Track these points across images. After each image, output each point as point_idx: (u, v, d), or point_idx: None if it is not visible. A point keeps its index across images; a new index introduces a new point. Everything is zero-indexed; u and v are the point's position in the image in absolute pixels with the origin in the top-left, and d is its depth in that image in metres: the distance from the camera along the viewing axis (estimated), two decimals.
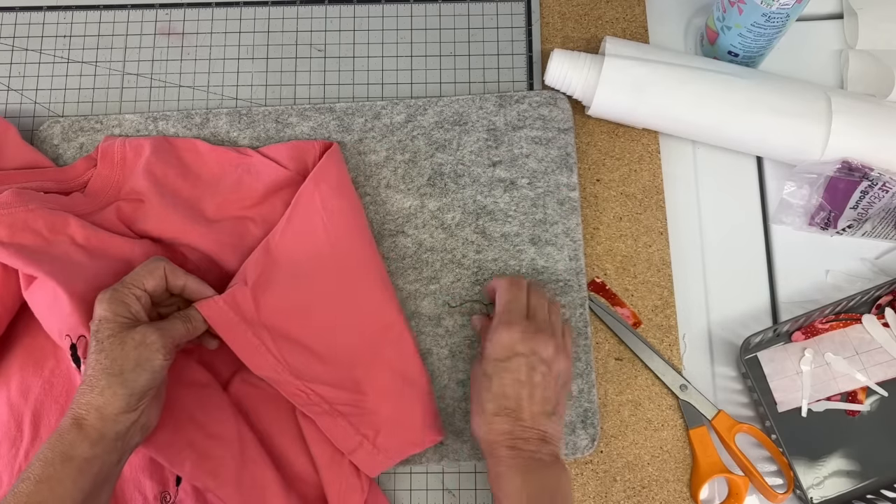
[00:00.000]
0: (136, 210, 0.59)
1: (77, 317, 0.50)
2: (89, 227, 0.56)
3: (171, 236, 0.58)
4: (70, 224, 0.55)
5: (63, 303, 0.51)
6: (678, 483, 0.58)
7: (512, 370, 0.51)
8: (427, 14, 0.68)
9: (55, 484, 0.45)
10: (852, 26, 0.66)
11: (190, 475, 0.51)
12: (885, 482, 0.58)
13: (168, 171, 0.60)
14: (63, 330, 0.51)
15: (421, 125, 0.63)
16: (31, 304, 0.54)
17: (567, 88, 0.62)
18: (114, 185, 0.60)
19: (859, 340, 0.60)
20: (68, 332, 0.51)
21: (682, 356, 0.60)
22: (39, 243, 0.54)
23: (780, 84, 0.61)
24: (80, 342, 0.50)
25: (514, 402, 0.51)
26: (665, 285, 0.61)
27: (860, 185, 0.59)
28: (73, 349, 0.51)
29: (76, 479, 0.45)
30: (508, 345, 0.52)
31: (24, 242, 0.54)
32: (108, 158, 0.61)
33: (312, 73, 0.67)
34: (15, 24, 0.68)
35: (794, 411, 0.59)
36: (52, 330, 0.53)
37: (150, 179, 0.59)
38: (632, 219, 0.63)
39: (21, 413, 0.55)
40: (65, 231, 0.55)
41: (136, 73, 0.67)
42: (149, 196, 0.59)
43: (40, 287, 0.53)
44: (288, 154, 0.61)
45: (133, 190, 0.60)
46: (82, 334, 0.50)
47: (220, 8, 0.68)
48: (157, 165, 0.60)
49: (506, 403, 0.51)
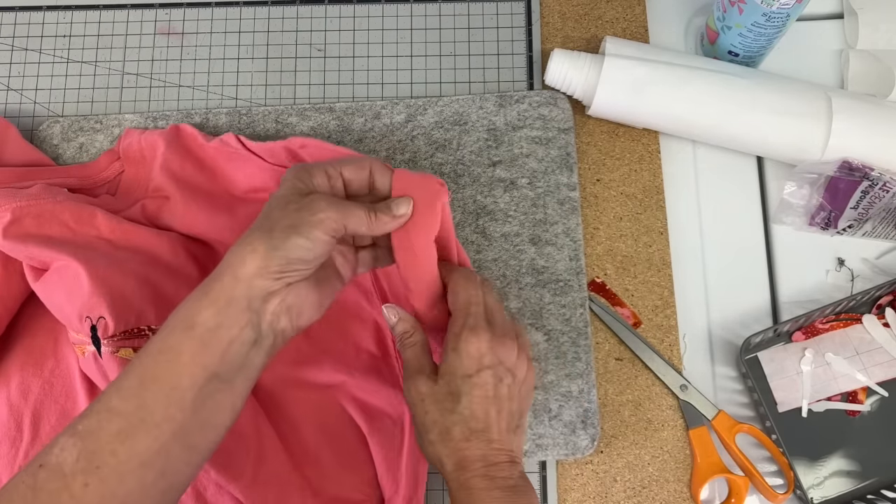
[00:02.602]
0: (161, 207, 0.59)
1: (97, 298, 0.50)
2: (115, 220, 0.56)
3: (199, 232, 0.58)
4: (97, 216, 0.55)
5: (84, 283, 0.51)
6: (678, 483, 0.58)
7: (481, 385, 0.44)
8: (427, 14, 0.68)
9: (173, 357, 0.38)
10: (852, 26, 0.66)
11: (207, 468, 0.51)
12: (886, 482, 0.58)
13: (185, 164, 0.60)
14: (83, 312, 0.51)
15: (421, 125, 0.63)
16: (45, 295, 0.54)
17: (567, 88, 0.62)
18: (141, 184, 0.61)
19: (860, 340, 0.60)
20: (88, 314, 0.50)
21: (682, 356, 0.60)
22: (66, 234, 0.54)
23: (780, 84, 0.61)
24: (101, 323, 0.50)
25: (483, 423, 0.44)
26: (665, 285, 0.61)
27: (861, 185, 0.59)
28: (94, 330, 0.50)
29: (197, 352, 0.38)
30: (476, 355, 0.44)
31: (51, 233, 0.54)
32: (130, 158, 0.61)
33: (312, 73, 0.67)
34: (15, 24, 0.68)
35: (795, 411, 0.59)
36: (70, 315, 0.52)
37: (170, 176, 0.59)
38: (632, 219, 0.62)
39: (21, 413, 0.55)
40: (91, 223, 0.55)
41: (136, 73, 0.67)
42: (172, 193, 0.58)
43: (58, 273, 0.53)
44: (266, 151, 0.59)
45: (158, 187, 0.59)
46: (102, 315, 0.50)
47: (220, 8, 0.68)
48: (174, 161, 0.60)
49: (475, 425, 0.44)
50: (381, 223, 0.43)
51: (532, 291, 0.60)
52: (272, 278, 0.39)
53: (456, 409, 0.44)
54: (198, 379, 0.38)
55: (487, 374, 0.44)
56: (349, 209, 0.41)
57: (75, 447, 0.37)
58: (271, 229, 0.39)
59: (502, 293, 0.60)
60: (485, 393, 0.44)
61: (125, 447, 0.38)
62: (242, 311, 0.39)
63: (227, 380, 0.39)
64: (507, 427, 0.45)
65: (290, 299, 0.40)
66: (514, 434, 0.46)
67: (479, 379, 0.44)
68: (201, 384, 0.38)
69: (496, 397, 0.45)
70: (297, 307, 0.41)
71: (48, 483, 0.37)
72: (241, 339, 0.39)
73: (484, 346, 0.45)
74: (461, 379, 0.44)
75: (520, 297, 0.60)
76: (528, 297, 0.60)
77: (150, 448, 0.38)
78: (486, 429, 0.44)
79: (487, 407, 0.44)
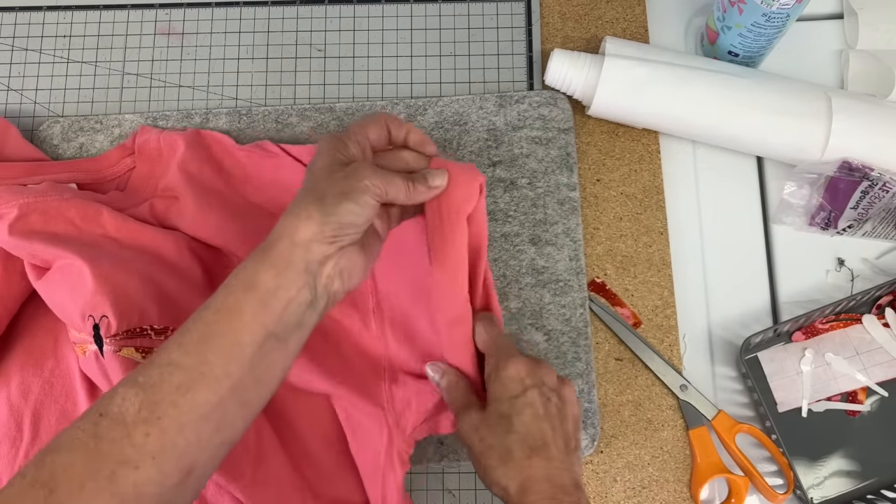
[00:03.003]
0: (169, 207, 0.59)
1: (101, 296, 0.50)
2: (121, 218, 0.56)
3: (207, 235, 0.58)
4: (103, 214, 0.55)
5: (88, 281, 0.51)
6: (678, 483, 0.58)
7: (529, 404, 0.46)
8: (427, 14, 0.68)
9: (234, 315, 0.40)
10: (852, 26, 0.66)
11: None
12: (886, 482, 0.58)
13: (203, 167, 0.60)
14: (86, 310, 0.51)
15: (421, 125, 0.63)
16: (47, 293, 0.54)
17: (567, 88, 0.62)
18: (152, 182, 0.60)
19: (859, 340, 0.60)
20: (91, 313, 0.50)
21: (682, 356, 0.60)
22: (71, 232, 0.54)
23: (780, 84, 0.61)
24: (103, 322, 0.50)
25: (541, 440, 0.45)
26: (665, 285, 0.61)
27: (860, 185, 0.59)
28: (97, 329, 0.50)
29: (257, 311, 0.40)
30: (517, 378, 0.47)
31: (56, 230, 0.54)
32: (146, 155, 0.61)
33: (312, 73, 0.67)
34: (15, 24, 0.68)
35: (795, 411, 0.59)
36: (72, 314, 0.52)
37: (186, 177, 0.59)
38: (632, 219, 0.62)
39: (21, 413, 0.55)
40: (97, 220, 0.55)
41: (136, 73, 0.67)
42: (183, 194, 0.58)
43: (61, 271, 0.53)
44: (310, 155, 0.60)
45: (168, 187, 0.59)
46: (105, 314, 0.50)
47: (220, 8, 0.68)
48: (192, 162, 0.59)
49: (533, 442, 0.45)
50: (417, 192, 0.45)
51: (532, 291, 0.60)
52: (327, 242, 0.41)
53: (511, 429, 0.46)
54: (257, 337, 0.40)
55: (533, 393, 0.47)
56: (390, 177, 0.43)
57: (137, 397, 0.38)
58: (323, 197, 0.41)
59: (503, 293, 0.60)
60: (535, 411, 0.46)
61: (186, 399, 0.39)
62: (300, 274, 0.41)
63: (282, 339, 0.41)
64: (564, 447, 0.46)
65: (342, 262, 0.42)
66: (572, 455, 0.47)
67: (525, 398, 0.46)
68: (260, 342, 0.40)
69: (547, 415, 0.46)
70: (348, 269, 0.43)
71: (110, 431, 0.38)
72: (299, 300, 0.41)
73: (523, 369, 0.47)
74: (508, 402, 0.47)
75: (520, 297, 0.60)
76: (528, 297, 0.60)
77: (209, 402, 0.39)
78: (544, 446, 0.45)
79: (541, 424, 0.46)
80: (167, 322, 0.53)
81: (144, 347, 0.51)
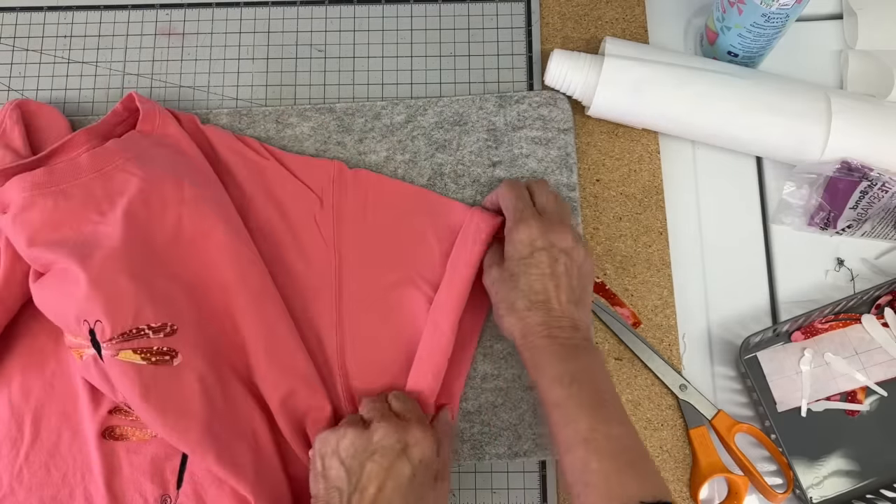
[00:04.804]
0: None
1: (92, 301, 0.50)
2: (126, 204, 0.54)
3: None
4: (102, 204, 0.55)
5: (82, 285, 0.50)
6: (678, 483, 0.58)
7: (536, 264, 0.52)
8: (427, 14, 0.68)
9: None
10: (852, 26, 0.66)
11: (214, 466, 0.50)
12: (885, 482, 0.58)
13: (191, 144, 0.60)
14: (80, 315, 0.50)
15: (421, 125, 0.63)
16: (43, 297, 0.53)
17: (567, 89, 0.62)
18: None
19: (859, 340, 0.60)
20: (86, 318, 0.50)
21: (681, 356, 0.60)
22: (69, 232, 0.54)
23: (779, 84, 0.61)
24: (98, 327, 0.50)
25: (543, 295, 0.52)
26: (665, 285, 0.61)
27: (860, 186, 0.59)
28: (93, 334, 0.50)
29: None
30: (528, 241, 0.53)
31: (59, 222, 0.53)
32: (150, 120, 0.60)
33: (312, 73, 0.67)
34: (15, 24, 0.68)
35: (794, 411, 0.59)
36: (68, 317, 0.52)
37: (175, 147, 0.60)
38: (632, 219, 0.63)
39: (22, 414, 0.55)
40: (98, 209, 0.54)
41: (136, 74, 0.67)
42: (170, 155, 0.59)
43: (55, 275, 0.52)
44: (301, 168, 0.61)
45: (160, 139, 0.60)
46: (99, 319, 0.50)
47: (220, 8, 0.68)
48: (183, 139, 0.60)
49: (535, 297, 0.52)
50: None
51: None
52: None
53: (517, 286, 0.52)
54: None
55: (541, 255, 0.52)
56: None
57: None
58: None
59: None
60: (541, 271, 0.52)
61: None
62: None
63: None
64: (567, 299, 0.52)
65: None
66: (576, 307, 0.52)
67: (532, 259, 0.52)
68: None
69: (553, 274, 0.52)
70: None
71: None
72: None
73: (535, 232, 0.53)
74: (517, 262, 0.53)
75: None
76: None
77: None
78: (545, 300, 0.52)
79: (545, 282, 0.52)
80: (164, 318, 0.52)
81: (143, 348, 0.51)
